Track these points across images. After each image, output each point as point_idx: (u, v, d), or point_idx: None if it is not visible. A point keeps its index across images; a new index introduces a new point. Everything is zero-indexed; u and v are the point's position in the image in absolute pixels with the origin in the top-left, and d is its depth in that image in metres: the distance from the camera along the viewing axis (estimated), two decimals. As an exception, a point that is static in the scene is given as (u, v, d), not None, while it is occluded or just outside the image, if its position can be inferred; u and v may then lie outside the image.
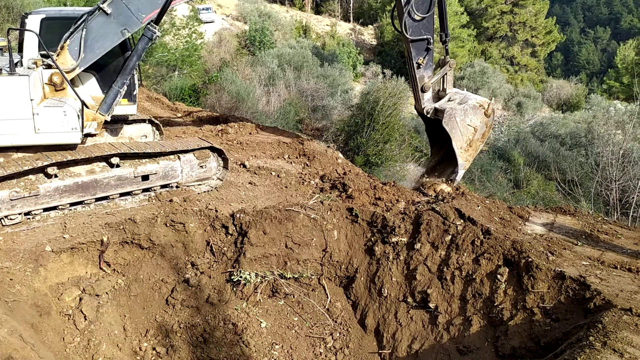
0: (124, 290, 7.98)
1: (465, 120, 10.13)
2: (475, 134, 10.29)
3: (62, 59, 8.38)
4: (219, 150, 9.75)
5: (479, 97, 10.57)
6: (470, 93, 10.90)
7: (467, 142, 10.30)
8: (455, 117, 10.08)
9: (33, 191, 7.81)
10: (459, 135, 10.18)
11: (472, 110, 10.15)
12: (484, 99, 10.53)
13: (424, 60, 10.17)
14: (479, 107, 10.25)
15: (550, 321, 6.85)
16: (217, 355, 7.63)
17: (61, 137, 8.18)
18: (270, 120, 22.64)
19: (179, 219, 8.50)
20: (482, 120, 10.29)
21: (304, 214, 8.99)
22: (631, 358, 5.38)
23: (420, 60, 10.16)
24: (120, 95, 8.84)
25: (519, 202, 15.40)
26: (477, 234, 8.15)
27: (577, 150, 23.41)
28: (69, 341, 6.99)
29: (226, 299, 8.27)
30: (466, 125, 10.17)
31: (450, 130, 10.14)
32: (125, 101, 9.39)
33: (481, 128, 10.34)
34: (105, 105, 8.76)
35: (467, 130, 10.19)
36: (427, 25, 10.05)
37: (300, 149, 12.64)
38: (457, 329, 7.75)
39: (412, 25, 9.90)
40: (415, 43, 10.03)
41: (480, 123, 10.28)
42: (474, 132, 10.25)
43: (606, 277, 7.04)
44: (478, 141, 10.41)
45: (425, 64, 10.24)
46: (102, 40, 8.42)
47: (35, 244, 7.46)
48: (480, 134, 10.33)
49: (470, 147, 10.38)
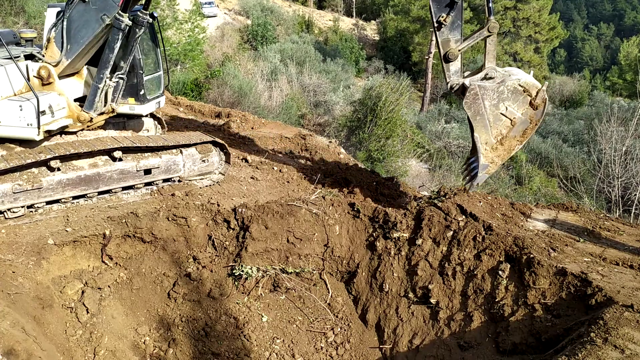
0: (126, 284, 8.00)
1: (498, 106, 7.68)
2: (511, 129, 7.81)
3: (50, 51, 8.36)
4: (221, 145, 9.75)
5: (527, 76, 7.84)
6: (521, 71, 8.20)
7: (498, 138, 7.88)
8: (483, 99, 7.63)
9: (36, 184, 7.82)
10: (485, 125, 7.84)
11: (512, 95, 7.60)
12: (533, 81, 7.74)
13: (447, 17, 7.68)
14: (523, 93, 7.61)
15: (552, 317, 6.85)
16: (218, 349, 7.66)
17: (17, 131, 8.04)
18: (272, 115, 22.64)
19: (181, 213, 8.52)
20: (526, 111, 7.72)
21: (306, 209, 9.00)
22: (632, 354, 5.38)
23: (442, 17, 7.67)
24: (101, 91, 8.64)
25: (520, 198, 15.39)
26: (479, 230, 8.15)
27: (580, 147, 23.37)
28: (71, 334, 7.02)
29: (227, 293, 8.29)
30: (499, 114, 7.76)
31: (472, 115, 7.84)
32: (133, 100, 9.36)
33: (522, 122, 7.75)
34: (87, 102, 8.70)
35: (499, 120, 7.78)
36: None
37: (303, 144, 12.65)
38: (458, 325, 7.75)
39: None
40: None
41: (521, 115, 7.73)
42: (510, 125, 7.76)
43: (608, 273, 7.04)
44: (514, 139, 7.85)
45: (450, 24, 7.77)
46: (84, 29, 8.27)
47: (37, 237, 7.48)
48: (519, 131, 7.77)
49: (501, 145, 7.97)
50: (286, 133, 13.58)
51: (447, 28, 7.83)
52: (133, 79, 9.19)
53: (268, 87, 27.13)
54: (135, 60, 9.05)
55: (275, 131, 13.86)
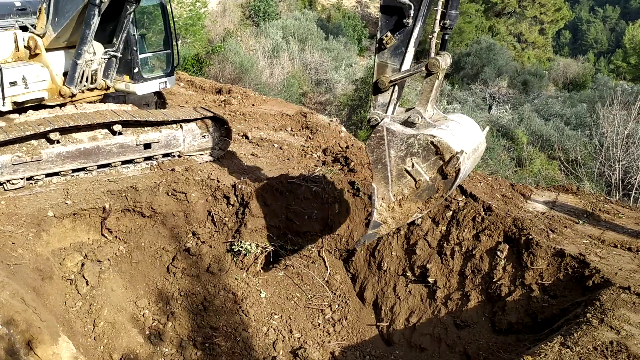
0: (125, 257, 8.03)
1: (405, 160, 5.81)
2: (414, 192, 5.87)
3: (41, 22, 8.30)
4: (221, 121, 9.70)
5: (447, 136, 5.68)
6: (463, 123, 6.18)
7: (397, 197, 5.98)
8: (389, 146, 5.86)
9: (35, 156, 7.80)
10: (385, 178, 5.96)
11: (423, 152, 5.68)
12: (450, 143, 5.57)
13: (391, 39, 5.82)
14: (435, 154, 5.64)
15: (548, 298, 6.90)
16: (216, 323, 7.72)
17: None
18: (274, 93, 22.48)
19: (180, 189, 8.51)
20: (434, 177, 5.73)
21: (306, 187, 8.99)
22: (627, 335, 5.43)
23: (387, 37, 5.83)
24: (80, 67, 8.58)
25: (521, 180, 15.37)
26: (479, 211, 8.16)
27: (582, 130, 23.27)
28: (71, 305, 7.07)
29: (226, 268, 8.33)
30: (403, 170, 5.85)
31: (374, 162, 6.03)
32: (127, 78, 9.30)
33: (427, 188, 5.77)
34: (68, 77, 8.68)
35: (402, 177, 5.88)
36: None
37: (303, 122, 12.58)
38: (455, 304, 7.81)
39: None
40: (388, 8, 5.79)
41: (428, 179, 5.74)
42: (413, 187, 5.84)
43: (606, 255, 7.07)
44: (415, 205, 5.92)
45: (393, 48, 5.87)
46: (70, 3, 8.13)
47: (37, 209, 7.49)
48: (422, 197, 5.85)
49: (399, 207, 6.02)
50: (287, 110, 13.50)
51: (388, 51, 5.94)
52: (128, 56, 9.11)
53: (269, 64, 26.89)
54: (130, 37, 8.96)
55: (276, 108, 13.77)
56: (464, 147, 5.67)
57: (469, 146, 5.81)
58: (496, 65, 33.82)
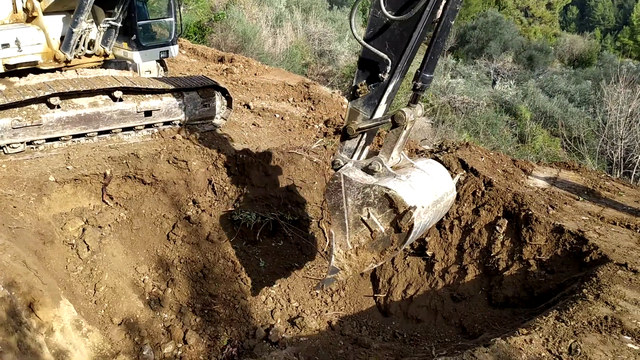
0: (126, 224, 8.07)
1: (361, 209, 5.62)
2: (370, 242, 5.69)
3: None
4: (223, 90, 9.63)
5: (403, 188, 5.36)
6: (420, 170, 5.79)
7: (354, 245, 5.83)
8: (346, 194, 5.67)
9: (35, 121, 7.77)
10: (343, 225, 5.78)
11: (379, 203, 5.46)
12: (405, 197, 5.27)
13: (366, 88, 5.58)
14: (390, 207, 5.41)
15: (545, 273, 6.95)
16: (215, 291, 7.80)
17: None
18: (276, 63, 22.27)
19: (181, 157, 8.50)
20: (389, 229, 5.51)
21: (307, 158, 8.98)
22: (622, 311, 5.48)
23: (361, 85, 5.58)
24: (76, 35, 8.56)
25: (522, 156, 15.34)
26: (479, 185, 8.16)
27: (585, 108, 23.14)
28: (72, 269, 7.13)
29: (226, 237, 8.37)
30: (359, 219, 5.68)
31: (331, 208, 5.85)
32: (125, 45, 9.20)
33: (383, 240, 5.58)
34: (64, 43, 8.66)
35: (359, 226, 5.71)
36: (397, 37, 5.28)
37: (306, 93, 12.50)
38: (452, 277, 7.87)
39: (372, 25, 5.39)
40: (366, 60, 5.53)
41: (383, 231, 5.53)
42: (369, 237, 5.68)
43: (604, 232, 7.09)
44: (371, 255, 5.77)
45: (366, 98, 5.64)
46: None
47: (38, 174, 7.50)
48: (377, 248, 5.67)
49: (355, 255, 5.89)
50: (289, 81, 13.39)
51: (362, 100, 5.68)
52: (127, 23, 9.00)
53: (272, 34, 26.56)
54: (130, 5, 8.84)
55: (279, 78, 13.66)
56: (422, 201, 5.39)
57: (428, 199, 5.52)
58: (502, 40, 33.44)
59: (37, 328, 5.30)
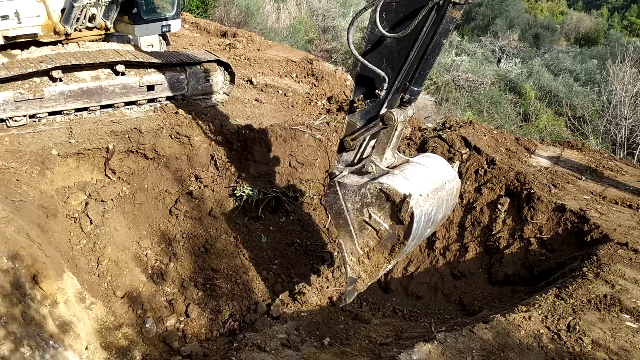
0: (128, 198, 8.09)
1: (362, 211, 5.70)
2: (378, 242, 5.76)
3: None
4: (225, 64, 9.55)
5: (396, 181, 5.45)
6: (416, 163, 5.90)
7: (365, 250, 5.90)
8: (344, 200, 5.82)
9: (38, 94, 7.74)
10: (349, 232, 5.87)
11: (376, 201, 5.56)
12: (398, 188, 5.35)
13: (363, 103, 5.69)
14: (387, 201, 5.48)
15: (546, 251, 6.98)
16: (217, 266, 7.85)
17: None
18: (279, 38, 22.05)
19: (184, 132, 8.48)
20: (393, 224, 5.54)
21: (309, 134, 8.95)
22: (622, 290, 5.52)
23: (358, 100, 5.74)
24: (77, 9, 8.38)
25: (526, 135, 15.29)
26: (482, 164, 8.15)
27: (590, 87, 22.97)
28: (75, 243, 7.17)
29: (228, 213, 8.40)
30: (363, 222, 5.78)
31: (334, 217, 6.01)
32: (127, 19, 9.09)
33: (389, 237, 5.62)
34: (64, 16, 8.52)
35: (364, 229, 5.79)
36: (394, 54, 5.32)
37: (309, 69, 12.41)
38: (453, 255, 7.92)
39: (370, 42, 5.49)
40: (363, 77, 5.65)
41: (388, 228, 5.58)
42: (376, 237, 5.75)
43: (606, 212, 7.11)
44: (382, 256, 5.81)
45: (363, 112, 5.68)
46: None
47: (41, 147, 7.50)
48: (386, 246, 5.69)
49: (368, 260, 5.96)
50: (293, 57, 13.28)
51: (359, 114, 5.77)
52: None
53: (276, 9, 26.26)
54: None
55: (282, 54, 13.54)
56: (418, 189, 5.44)
57: (426, 187, 5.56)
58: (508, 17, 33.04)
59: (41, 300, 5.35)
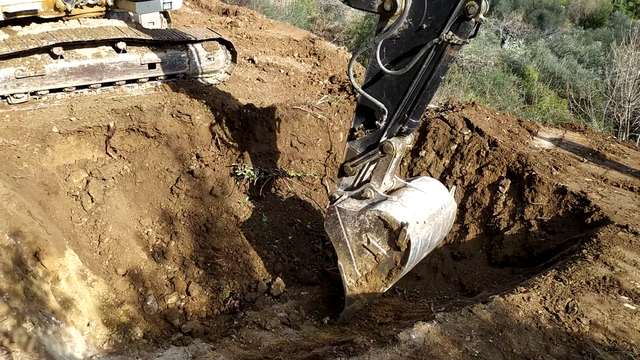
0: (129, 177, 8.09)
1: (361, 236, 5.98)
2: (376, 266, 6.03)
3: None
4: (227, 43, 9.48)
5: (394, 209, 5.71)
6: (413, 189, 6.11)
7: (363, 272, 6.18)
8: (344, 225, 6.08)
9: (39, 71, 7.69)
10: (348, 255, 6.17)
11: (375, 227, 5.82)
12: (396, 216, 5.62)
13: (363, 132, 5.82)
14: (385, 227, 5.73)
15: (546, 233, 7.00)
16: (218, 244, 7.88)
17: None
18: (282, 17, 21.86)
19: (185, 110, 8.45)
20: (389, 249, 5.82)
21: (311, 114, 8.91)
22: (621, 272, 5.54)
23: (359, 128, 5.84)
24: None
25: (529, 117, 15.23)
26: (484, 145, 8.13)
27: (594, 69, 22.79)
28: (77, 220, 7.20)
29: (229, 192, 8.41)
30: (362, 246, 6.05)
31: (334, 241, 6.25)
32: None
33: (387, 262, 5.89)
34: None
35: (363, 253, 6.07)
36: (394, 88, 5.37)
37: (311, 48, 12.31)
38: (453, 236, 7.94)
39: (370, 74, 5.49)
40: (363, 107, 5.73)
41: (386, 253, 5.85)
42: (374, 261, 6.02)
43: (607, 194, 7.11)
44: (380, 279, 6.10)
45: (363, 139, 5.85)
46: None
47: (42, 124, 7.47)
48: (384, 270, 5.98)
49: (366, 282, 6.27)
50: (295, 35, 13.16)
51: (359, 141, 5.91)
52: None
53: (278, -13, 26.00)
54: None
55: (284, 33, 13.42)
56: (415, 217, 5.70)
57: (423, 214, 5.82)
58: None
59: (42, 276, 5.39)
